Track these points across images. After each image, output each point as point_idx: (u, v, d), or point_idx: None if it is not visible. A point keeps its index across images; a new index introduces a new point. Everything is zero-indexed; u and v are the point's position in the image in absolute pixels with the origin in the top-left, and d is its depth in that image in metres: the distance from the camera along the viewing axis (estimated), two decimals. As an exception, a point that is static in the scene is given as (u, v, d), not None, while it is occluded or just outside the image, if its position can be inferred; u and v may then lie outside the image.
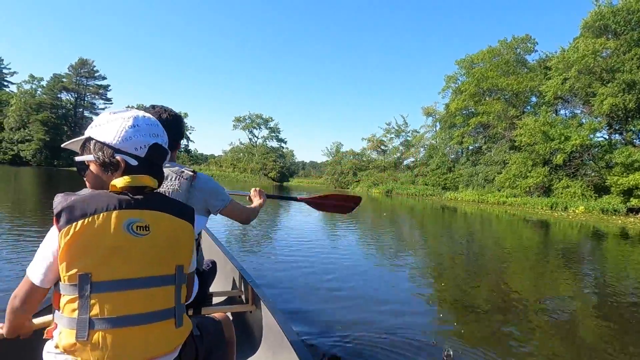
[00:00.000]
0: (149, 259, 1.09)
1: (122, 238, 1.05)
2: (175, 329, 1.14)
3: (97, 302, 1.02)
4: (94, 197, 1.07)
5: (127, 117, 1.16)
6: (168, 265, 1.13)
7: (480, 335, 3.46)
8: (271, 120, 71.06)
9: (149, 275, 1.09)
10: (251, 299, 2.33)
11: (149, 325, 1.08)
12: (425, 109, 48.87)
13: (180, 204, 1.22)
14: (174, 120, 1.81)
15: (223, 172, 61.67)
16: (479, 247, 9.12)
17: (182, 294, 1.17)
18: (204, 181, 1.86)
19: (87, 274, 1.01)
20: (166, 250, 1.13)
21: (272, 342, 1.95)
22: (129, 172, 1.12)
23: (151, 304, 1.09)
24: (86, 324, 1.01)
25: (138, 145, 1.13)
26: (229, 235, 8.08)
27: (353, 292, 4.63)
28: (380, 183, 46.59)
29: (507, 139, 34.64)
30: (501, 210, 24.38)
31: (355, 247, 8.18)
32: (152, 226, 1.10)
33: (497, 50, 37.95)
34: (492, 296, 4.78)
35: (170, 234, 1.14)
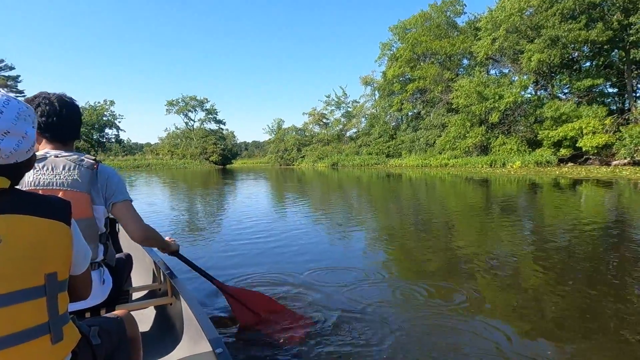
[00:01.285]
0: (6, 273, 0.92)
1: None
2: (51, 345, 1.00)
3: None
4: None
5: None
6: (34, 276, 0.96)
7: (428, 297, 3.44)
8: (207, 102, 67.93)
9: (9, 291, 0.92)
10: (170, 291, 2.27)
11: (16, 347, 0.93)
12: (363, 78, 48.64)
13: (47, 200, 1.02)
14: (64, 106, 1.69)
15: (160, 160, 58.24)
16: (426, 211, 9.06)
17: (59, 304, 1.02)
18: (106, 170, 1.75)
19: None
20: (28, 259, 0.95)
21: (191, 333, 1.91)
22: None
23: (15, 324, 0.93)
24: None
25: None
26: (155, 224, 7.18)
27: (293, 271, 4.30)
28: (325, 157, 46.25)
29: (444, 102, 35.27)
30: (444, 173, 24.98)
31: (301, 222, 7.70)
32: (3, 235, 0.93)
33: (428, 14, 38.09)
34: (439, 258, 4.80)
35: (32, 239, 0.96)
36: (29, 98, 1.69)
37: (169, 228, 7.22)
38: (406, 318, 2.98)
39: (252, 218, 8.10)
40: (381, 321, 2.89)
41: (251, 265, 4.52)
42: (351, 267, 4.38)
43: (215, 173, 37.12)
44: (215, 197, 13.48)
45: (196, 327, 1.79)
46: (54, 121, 1.68)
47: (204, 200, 12.81)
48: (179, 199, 12.89)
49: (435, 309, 3.12)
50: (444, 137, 33.29)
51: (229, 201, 12.39)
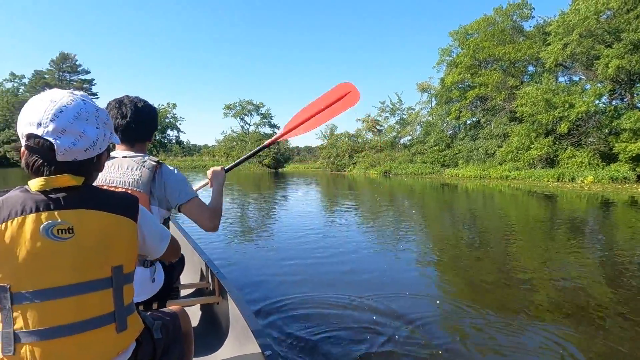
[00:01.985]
0: (76, 264, 0.98)
1: (41, 244, 0.95)
2: (116, 334, 1.06)
3: (21, 315, 0.95)
4: (9, 200, 0.97)
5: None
6: (101, 268, 1.02)
7: (487, 311, 3.28)
8: (262, 106, 69.47)
9: (79, 281, 0.99)
10: (218, 290, 2.31)
11: (83, 334, 1.00)
12: (420, 84, 47.42)
13: (117, 197, 1.09)
14: (143, 111, 1.79)
15: (216, 162, 60.28)
16: (482, 223, 8.67)
17: (124, 295, 1.07)
18: (167, 172, 1.76)
19: (4, 286, 0.94)
20: (97, 252, 1.01)
21: (238, 334, 1.92)
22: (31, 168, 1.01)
23: (84, 312, 1.00)
24: (11, 337, 0.94)
25: (19, 134, 1.01)
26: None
27: (341, 277, 4.31)
28: (378, 164, 45.41)
29: (506, 110, 33.41)
30: (504, 185, 23.72)
31: (350, 230, 7.60)
32: (76, 228, 0.99)
33: (492, 19, 36.35)
34: (496, 272, 4.60)
35: (100, 233, 1.02)
36: (110, 101, 1.80)
37: (223, 229, 7.31)
38: (456, 342, 2.79)
39: (303, 225, 8.04)
40: (429, 340, 2.77)
41: (297, 274, 4.37)
42: (400, 281, 4.18)
43: (268, 176, 37.73)
44: (268, 202, 13.56)
45: (244, 327, 1.77)
46: (121, 123, 1.76)
47: (257, 204, 12.93)
48: (234, 202, 13.01)
49: (487, 335, 2.88)
50: (506, 147, 31.45)
51: (280, 206, 12.47)
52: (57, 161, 1.00)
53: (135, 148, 1.82)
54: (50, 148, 0.98)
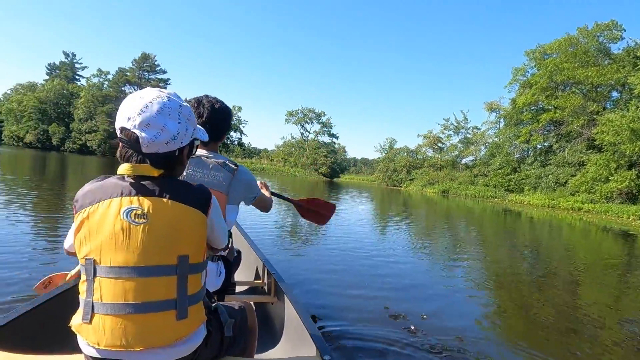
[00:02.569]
0: (147, 248, 1.07)
1: (121, 226, 1.06)
2: (175, 321, 1.10)
3: (99, 287, 1.06)
4: (103, 185, 1.10)
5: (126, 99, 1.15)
6: (168, 255, 1.09)
7: (548, 355, 3.04)
8: (323, 115, 70.05)
9: (147, 264, 1.07)
10: (273, 290, 2.31)
11: (145, 314, 1.06)
12: (488, 104, 45.38)
13: (192, 190, 1.16)
14: (220, 111, 1.86)
15: (274, 167, 61.61)
16: (546, 257, 8.10)
17: (187, 285, 1.12)
18: (244, 174, 1.90)
19: (91, 258, 1.06)
20: (166, 239, 1.09)
21: (292, 335, 1.90)
22: (121, 154, 1.13)
23: (148, 294, 1.07)
24: (90, 307, 1.06)
25: (116, 127, 1.14)
26: (257, 225, 7.80)
27: (392, 293, 4.26)
28: (436, 182, 43.94)
29: (584, 137, 30.93)
30: (575, 217, 21.86)
31: (402, 247, 7.45)
32: (150, 214, 1.08)
33: (574, 39, 33.95)
34: (561, 313, 4.22)
35: (171, 222, 1.10)
36: (190, 99, 1.87)
37: (273, 233, 7.34)
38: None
39: (352, 238, 7.83)
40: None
41: (343, 288, 4.26)
42: (450, 310, 3.94)
43: (323, 185, 37.78)
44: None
45: (300, 329, 1.76)
46: (206, 127, 1.81)
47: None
48: (287, 209, 12.99)
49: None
50: (580, 177, 29.07)
51: (332, 217, 12.10)
52: (142, 152, 1.11)
53: (209, 147, 1.90)
54: (137, 140, 1.09)
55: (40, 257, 4.39)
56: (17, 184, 11.58)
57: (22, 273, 3.74)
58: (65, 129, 64.37)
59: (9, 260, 4.11)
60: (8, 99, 72.92)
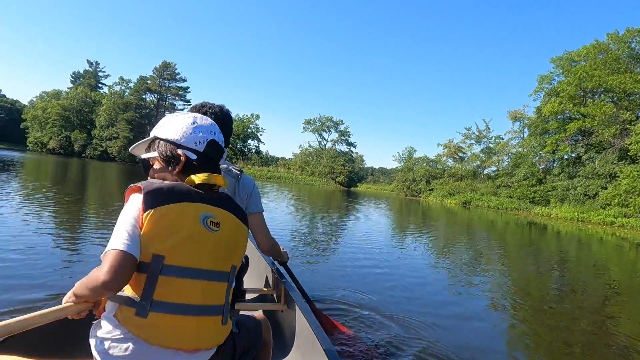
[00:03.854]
0: (214, 254, 1.15)
1: (197, 230, 1.11)
2: (220, 326, 1.18)
3: (163, 285, 1.07)
4: (176, 187, 1.14)
5: (188, 116, 1.27)
6: (226, 263, 1.19)
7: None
8: (341, 124, 69.54)
9: (211, 269, 1.14)
10: (284, 299, 2.30)
11: (201, 317, 1.12)
12: (511, 113, 44.00)
13: (240, 208, 1.28)
14: (224, 117, 1.85)
15: (291, 175, 61.08)
16: (574, 274, 7.64)
17: (230, 293, 1.22)
18: (248, 181, 1.92)
19: (161, 255, 1.07)
20: (228, 249, 1.19)
21: (302, 344, 1.89)
22: (188, 166, 1.20)
23: (207, 298, 1.13)
24: (148, 304, 1.05)
25: (197, 141, 1.22)
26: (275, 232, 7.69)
27: (407, 304, 4.20)
28: (457, 193, 42.61)
29: (616, 147, 29.35)
30: (607, 232, 20.62)
31: (420, 260, 7.22)
32: (221, 224, 1.17)
33: (604, 45, 32.56)
34: (587, 335, 3.96)
35: (234, 234, 1.21)
36: (195, 106, 1.88)
37: (288, 241, 7.19)
38: None
39: (368, 250, 7.58)
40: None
41: (356, 300, 4.13)
42: (467, 328, 3.75)
43: (340, 194, 36.99)
44: (336, 220, 12.77)
45: (311, 339, 1.74)
46: None
47: (325, 220, 12.25)
48: (303, 216, 12.32)
49: None
50: (612, 189, 27.49)
51: (348, 227, 11.75)
52: (216, 165, 1.28)
53: None
54: (221, 154, 1.29)
55: (58, 263, 4.35)
56: (39, 189, 11.48)
57: (40, 277, 3.69)
58: (87, 136, 65.40)
59: (28, 264, 4.08)
60: (34, 106, 74.76)
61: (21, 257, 4.26)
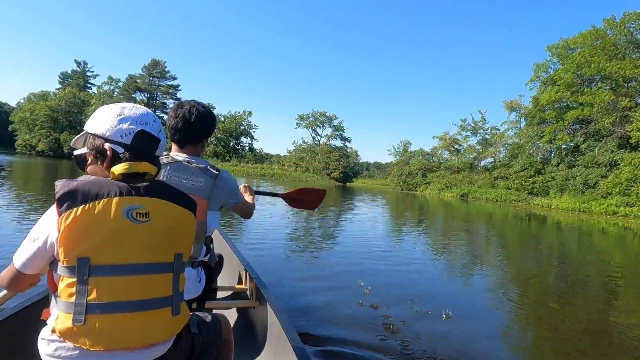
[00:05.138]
0: (148, 246, 1.10)
1: (122, 224, 1.07)
2: (172, 317, 1.14)
3: (95, 287, 1.03)
4: (95, 183, 1.09)
5: (115, 108, 1.20)
6: (167, 253, 1.14)
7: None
8: (335, 118, 68.63)
9: (148, 261, 1.10)
10: (255, 295, 2.32)
11: (146, 312, 1.08)
12: (507, 103, 43.41)
13: (182, 193, 1.24)
14: (201, 115, 1.83)
15: (285, 171, 60.18)
16: (575, 265, 7.44)
17: (180, 282, 1.18)
18: (225, 180, 1.88)
19: (86, 257, 1.03)
20: (166, 237, 1.14)
21: (273, 341, 1.90)
22: (117, 160, 1.15)
23: (149, 291, 1.09)
24: (83, 308, 1.02)
25: (123, 133, 1.17)
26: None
27: (406, 297, 4.07)
28: (454, 186, 41.98)
29: (616, 135, 28.71)
30: (609, 222, 20.03)
31: (412, 254, 7.10)
32: (152, 213, 1.12)
33: (601, 31, 31.82)
34: (589, 325, 3.81)
35: (171, 221, 1.16)
36: (177, 104, 1.87)
37: (286, 239, 7.12)
38: None
39: (366, 247, 7.35)
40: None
41: (343, 290, 4.14)
42: (465, 317, 3.68)
43: (335, 190, 36.18)
44: (334, 216, 12.09)
45: (280, 334, 1.76)
46: (178, 125, 1.79)
47: (322, 216, 11.57)
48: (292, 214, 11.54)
49: None
50: (613, 178, 26.90)
51: (344, 223, 11.22)
52: (153, 156, 1.22)
53: (190, 151, 1.82)
54: (156, 144, 1.22)
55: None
56: (28, 192, 10.99)
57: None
58: (76, 137, 64.21)
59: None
60: (21, 108, 73.31)
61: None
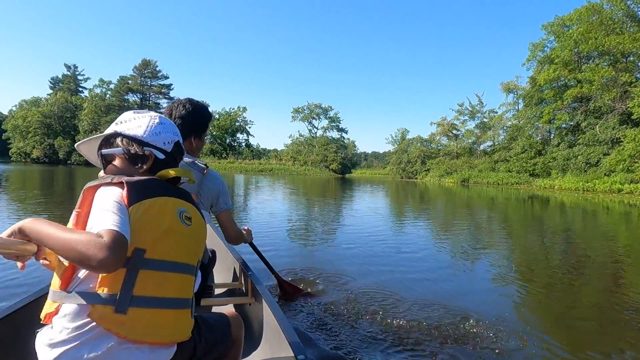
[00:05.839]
0: (189, 248, 1.16)
1: (176, 223, 1.11)
2: (189, 318, 1.17)
3: (143, 279, 1.04)
4: (152, 182, 1.13)
5: (154, 115, 1.26)
6: (196, 257, 1.20)
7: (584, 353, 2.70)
8: (331, 110, 68.03)
9: (187, 262, 1.15)
10: (250, 292, 2.31)
11: (177, 310, 1.11)
12: (504, 84, 42.78)
13: (197, 204, 1.28)
14: (192, 111, 1.87)
15: (283, 166, 59.68)
16: (581, 245, 7.25)
17: (195, 285, 1.22)
18: (214, 177, 1.89)
19: (142, 249, 1.04)
20: (197, 243, 1.20)
21: (270, 336, 1.92)
22: (155, 165, 1.19)
23: (182, 291, 1.13)
24: (128, 299, 1.02)
25: (166, 140, 1.23)
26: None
27: (406, 282, 4.09)
28: (454, 171, 41.48)
29: (616, 112, 28.19)
30: (614, 200, 19.55)
31: (419, 240, 7.06)
32: (192, 218, 1.18)
33: (598, 6, 31.13)
34: (596, 306, 3.75)
35: (201, 229, 1.23)
36: (168, 106, 1.96)
37: (286, 237, 6.91)
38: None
39: (368, 234, 7.33)
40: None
41: (360, 285, 3.99)
42: (467, 300, 3.62)
43: (334, 182, 35.72)
44: (334, 209, 11.70)
45: (277, 330, 1.77)
46: None
47: (322, 210, 11.21)
48: (292, 205, 11.06)
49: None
50: (616, 155, 26.43)
51: (344, 215, 10.83)
52: (177, 162, 1.30)
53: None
54: (183, 152, 1.31)
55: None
56: (27, 201, 10.49)
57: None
58: (71, 142, 63.43)
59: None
60: (13, 116, 72.54)
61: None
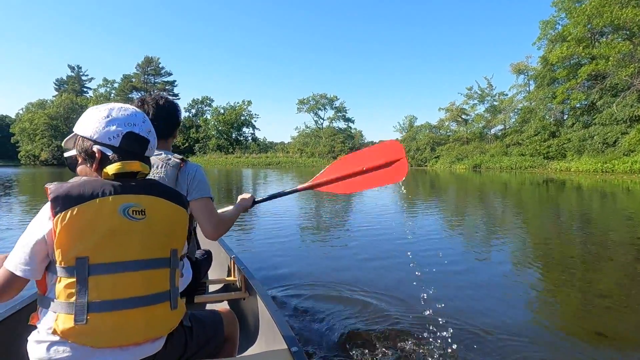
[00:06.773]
0: (145, 243, 1.12)
1: (118, 222, 1.08)
2: (170, 311, 1.17)
3: (96, 285, 1.04)
4: (88, 183, 1.10)
5: (102, 109, 1.20)
6: (164, 249, 1.17)
7: (611, 343, 2.58)
8: (336, 100, 66.93)
9: (145, 258, 1.12)
10: (244, 287, 2.35)
11: (147, 307, 1.10)
12: (514, 65, 41.48)
13: (174, 191, 1.26)
14: (164, 108, 1.84)
15: (290, 159, 59.04)
16: (600, 230, 6.98)
17: (176, 277, 1.21)
18: (190, 169, 1.82)
19: (84, 257, 1.04)
20: (162, 234, 1.16)
21: (264, 330, 1.94)
22: (106, 162, 1.16)
23: (148, 287, 1.12)
24: (85, 307, 1.03)
25: (111, 135, 1.17)
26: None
27: (423, 273, 3.93)
28: (465, 157, 40.49)
29: (634, 88, 26.95)
30: (634, 181, 18.73)
31: (433, 230, 6.88)
32: (148, 210, 1.14)
33: (611, -22, 29.68)
34: (619, 292, 3.56)
35: (166, 218, 1.18)
36: (142, 97, 1.86)
37: (294, 231, 6.71)
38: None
39: (376, 225, 7.26)
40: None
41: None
42: (490, 295, 3.47)
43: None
44: (342, 202, 11.03)
45: (270, 323, 1.78)
46: None
47: (331, 202, 10.61)
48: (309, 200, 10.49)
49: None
50: (635, 134, 25.35)
51: (353, 207, 10.35)
52: (143, 157, 1.22)
53: (159, 145, 1.76)
54: (146, 145, 1.22)
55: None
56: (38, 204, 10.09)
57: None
58: (77, 143, 63.58)
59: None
60: (20, 119, 72.85)
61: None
